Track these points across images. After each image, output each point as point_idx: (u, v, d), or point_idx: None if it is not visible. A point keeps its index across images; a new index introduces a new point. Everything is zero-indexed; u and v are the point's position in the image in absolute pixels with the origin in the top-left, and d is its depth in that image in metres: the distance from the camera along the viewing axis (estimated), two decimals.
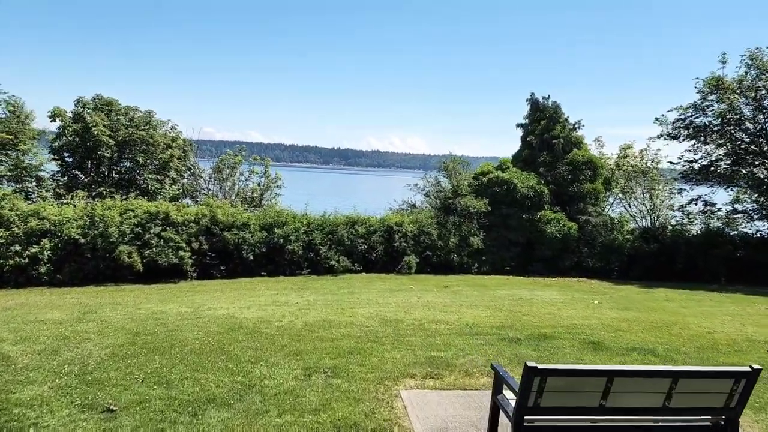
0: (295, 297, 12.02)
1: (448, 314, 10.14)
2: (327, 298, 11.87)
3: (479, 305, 11.48)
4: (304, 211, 17.81)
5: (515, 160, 21.04)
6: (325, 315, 9.55)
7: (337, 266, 16.46)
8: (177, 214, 15.07)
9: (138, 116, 18.82)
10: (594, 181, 20.02)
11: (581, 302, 12.37)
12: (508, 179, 18.96)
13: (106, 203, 14.65)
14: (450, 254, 18.01)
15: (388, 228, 17.82)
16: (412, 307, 10.83)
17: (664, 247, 19.68)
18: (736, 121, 18.77)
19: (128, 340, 7.24)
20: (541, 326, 9.17)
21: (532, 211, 19.04)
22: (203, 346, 6.96)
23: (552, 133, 20.19)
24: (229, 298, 11.62)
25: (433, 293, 13.27)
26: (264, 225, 16.34)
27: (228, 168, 21.54)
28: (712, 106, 19.03)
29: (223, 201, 18.12)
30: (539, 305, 11.63)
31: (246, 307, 10.17)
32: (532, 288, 14.77)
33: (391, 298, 12.27)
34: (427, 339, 7.79)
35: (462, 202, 18.67)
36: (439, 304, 11.53)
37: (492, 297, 12.84)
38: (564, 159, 19.92)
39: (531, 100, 21.25)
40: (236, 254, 15.57)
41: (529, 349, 7.38)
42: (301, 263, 16.38)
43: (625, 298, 13.43)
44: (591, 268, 19.23)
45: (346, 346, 7.17)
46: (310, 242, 16.57)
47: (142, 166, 18.63)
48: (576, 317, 10.22)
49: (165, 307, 10.02)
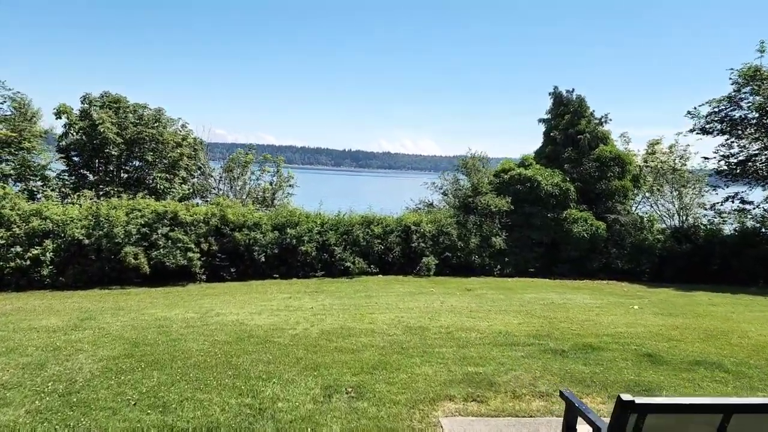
0: (309, 301, 11.21)
1: (476, 321, 9.24)
2: (343, 303, 11.04)
3: (508, 310, 10.56)
4: (318, 211, 17.02)
5: (538, 157, 20.05)
6: (342, 321, 8.72)
7: (352, 268, 15.65)
8: (186, 214, 14.37)
9: (147, 114, 18.20)
10: (622, 178, 18.96)
11: (619, 307, 11.38)
12: (532, 176, 18.00)
13: (112, 202, 13.98)
14: (471, 255, 17.09)
15: (406, 228, 16.96)
16: (436, 313, 9.95)
17: (697, 247, 18.56)
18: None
19: (125, 351, 6.46)
20: (582, 335, 8.24)
21: (557, 210, 18.05)
22: (208, 359, 6.15)
23: (577, 128, 19.18)
24: (239, 302, 10.84)
25: (455, 297, 12.38)
26: (276, 225, 15.57)
27: (239, 167, 20.87)
28: (747, 98, 17.87)
29: (234, 201, 17.40)
30: (574, 310, 10.68)
31: (257, 313, 9.38)
32: (561, 291, 13.80)
33: (412, 302, 11.40)
34: (459, 350, 6.91)
35: (483, 201, 17.75)
36: (464, 308, 10.63)
37: (520, 301, 11.91)
38: (590, 155, 18.90)
39: (554, 93, 20.27)
40: (247, 255, 14.82)
41: (578, 363, 6.46)
42: (314, 265, 15.59)
43: (666, 302, 12.41)
44: (620, 270, 18.18)
45: (369, 359, 6.31)
46: (324, 243, 15.77)
47: (152, 165, 18.00)
48: (619, 324, 9.26)
49: (170, 313, 9.27)
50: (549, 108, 20.49)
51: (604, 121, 19.54)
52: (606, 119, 19.52)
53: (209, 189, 20.78)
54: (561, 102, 19.99)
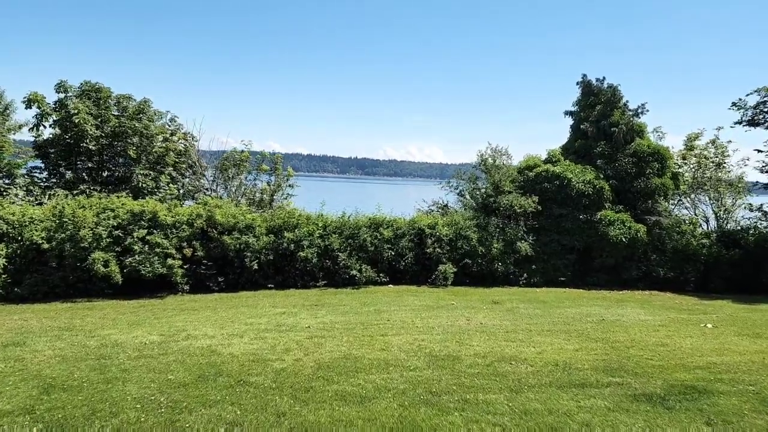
0: (306, 317, 9.18)
1: (519, 346, 7.17)
2: (348, 320, 9.00)
3: (553, 330, 8.48)
4: (320, 212, 15.00)
5: (565, 152, 17.96)
6: (347, 347, 6.68)
7: (358, 277, 13.59)
8: (166, 215, 12.42)
9: (131, 105, 16.34)
10: (662, 175, 16.82)
11: (687, 325, 9.26)
12: (561, 173, 15.91)
13: (80, 201, 12.05)
14: (493, 262, 14.99)
15: (419, 231, 14.91)
16: (465, 334, 7.89)
17: (747, 253, 16.36)
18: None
19: (28, 401, 4.46)
20: (666, 367, 6.15)
21: (590, 211, 15.94)
22: (144, 417, 4.14)
23: (610, 119, 17.09)
24: (221, 319, 8.82)
25: (483, 312, 10.31)
26: (272, 227, 13.58)
27: (234, 166, 18.91)
28: None
29: (225, 201, 15.43)
30: (636, 330, 8.58)
31: (238, 335, 7.35)
32: (605, 305, 11.68)
33: (432, 319, 9.35)
34: (514, 397, 4.86)
35: (505, 201, 15.67)
36: (498, 328, 8.56)
37: (563, 318, 9.82)
38: (626, 149, 16.79)
39: (582, 82, 18.21)
40: (237, 262, 12.82)
41: (696, 420, 4.38)
42: (315, 273, 13.55)
43: (738, 318, 10.25)
44: (661, 279, 16.00)
45: (385, 417, 4.27)
46: (327, 248, 13.74)
47: (135, 161, 16.10)
48: (704, 351, 7.15)
49: (127, 335, 7.26)
50: (577, 99, 18.43)
51: (641, 112, 17.45)
52: (643, 110, 17.42)
53: (202, 190, 18.82)
54: (591, 92, 17.92)
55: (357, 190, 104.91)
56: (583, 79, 18.23)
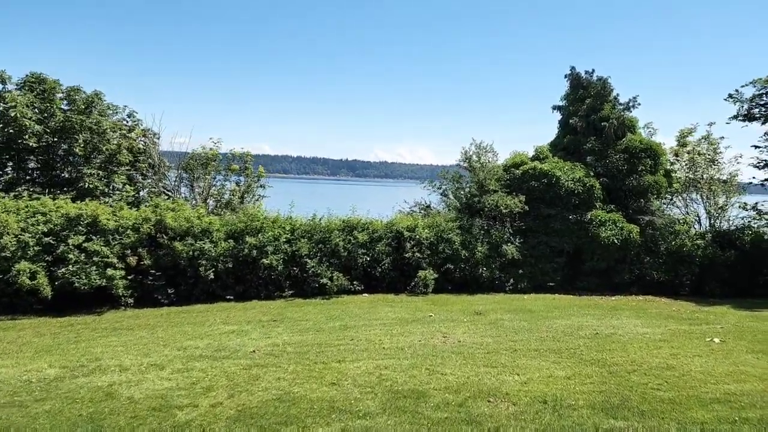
0: (256, 338, 7.91)
1: (501, 373, 5.98)
2: (305, 340, 7.74)
3: (541, 350, 7.31)
4: (288, 215, 13.71)
5: (554, 149, 16.86)
6: (288, 383, 5.44)
7: (329, 285, 12.33)
8: (109, 219, 11.07)
9: (80, 98, 14.92)
10: (655, 172, 15.80)
11: (691, 339, 8.15)
12: (549, 171, 14.79)
13: (4, 203, 10.64)
14: (477, 267, 13.82)
15: (397, 234, 13.69)
16: (439, 358, 6.68)
17: (743, 254, 15.39)
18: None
19: None
20: (678, 401, 5.01)
21: (580, 211, 14.84)
22: None
23: (600, 113, 16.04)
24: (153, 342, 7.52)
25: (463, 326, 9.11)
26: (231, 232, 12.28)
27: (201, 166, 17.51)
28: None
29: (182, 204, 14.06)
30: (635, 348, 7.44)
31: (159, 366, 6.07)
32: (598, 314, 10.55)
33: (404, 336, 8.13)
34: None
35: (490, 201, 14.51)
36: (478, 347, 7.37)
37: (552, 332, 8.66)
38: (617, 145, 15.74)
39: (571, 75, 17.14)
40: (191, 271, 11.49)
41: None
42: (281, 282, 12.27)
43: (744, 329, 9.17)
44: (655, 283, 14.97)
45: None
46: (294, 254, 12.47)
47: (86, 160, 14.66)
48: (717, 375, 6.02)
49: (19, 369, 5.95)
50: (565, 92, 17.35)
51: (632, 106, 16.41)
52: (634, 103, 16.39)
53: (164, 191, 17.39)
54: (580, 84, 16.86)
55: (346, 192, 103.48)
56: (571, 71, 17.16)
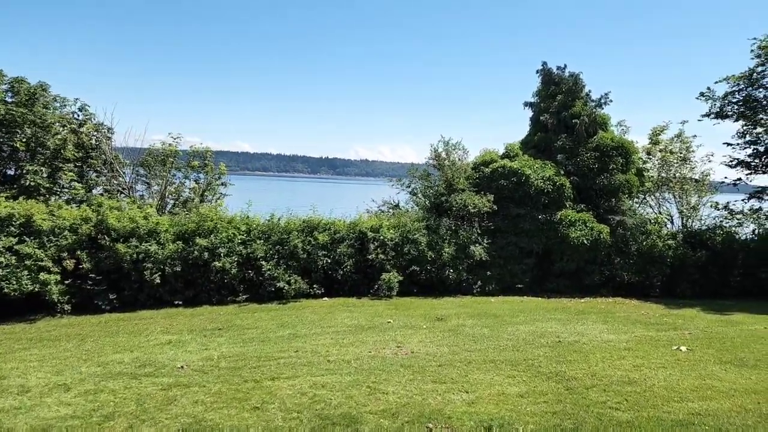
0: (193, 350, 7.24)
1: (449, 391, 5.45)
2: (244, 353, 7.10)
3: (498, 361, 6.81)
4: (245, 214, 12.99)
5: (524, 147, 16.46)
6: (204, 408, 4.81)
7: (287, 289, 11.69)
8: (44, 219, 10.23)
9: (24, 89, 13.96)
10: (626, 171, 15.52)
11: (657, 348, 7.75)
12: (519, 169, 14.36)
13: None
14: (444, 269, 13.33)
15: (361, 235, 13.11)
16: (385, 373, 6.13)
17: (715, 255, 15.22)
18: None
19: None
20: (638, 424, 4.55)
21: (550, 211, 14.46)
22: None
23: (571, 110, 15.68)
24: (74, 356, 6.79)
25: (421, 333, 8.58)
26: (181, 233, 11.53)
27: (159, 163, 16.60)
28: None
29: (129, 202, 13.23)
30: (597, 358, 6.99)
31: (66, 387, 5.38)
32: (564, 319, 10.14)
33: (354, 346, 7.56)
34: None
35: (459, 200, 14.02)
36: (431, 359, 6.84)
37: (513, 339, 8.18)
38: (588, 143, 15.40)
39: (543, 71, 16.75)
40: (135, 275, 10.71)
41: None
42: (234, 286, 11.58)
43: (712, 335, 8.82)
44: (626, 284, 14.71)
45: None
46: (250, 256, 11.79)
47: (31, 154, 13.70)
48: (682, 391, 5.59)
49: None
50: (537, 89, 16.95)
51: (604, 103, 16.09)
52: (606, 100, 16.07)
53: (119, 189, 16.46)
54: (551, 80, 16.48)
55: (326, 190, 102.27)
56: (543, 67, 16.77)
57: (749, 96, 15.39)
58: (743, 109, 15.63)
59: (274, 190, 68.64)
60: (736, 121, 15.80)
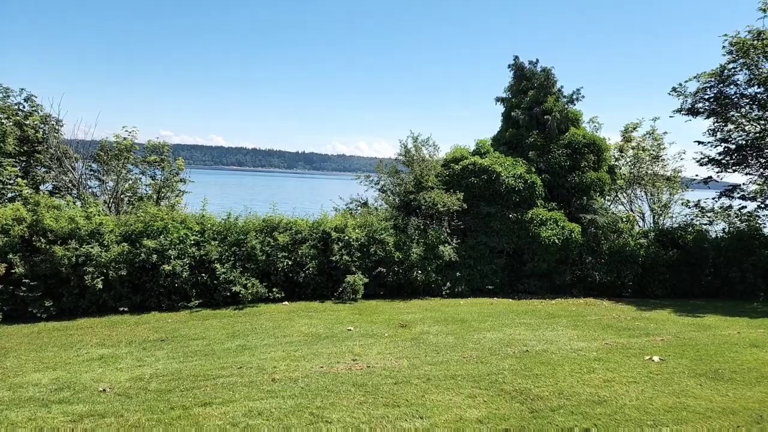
0: (125, 366, 6.51)
1: (400, 418, 4.88)
2: (182, 369, 6.41)
3: (460, 376, 6.27)
4: (200, 213, 12.19)
5: (496, 143, 16.05)
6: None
7: (243, 294, 10.97)
8: None
9: None
10: (598, 169, 15.24)
11: (629, 358, 7.34)
12: (489, 167, 13.90)
13: None
14: (412, 270, 12.80)
15: (324, 235, 12.46)
16: (333, 395, 5.52)
17: (686, 253, 15.07)
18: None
19: None
20: None
21: (522, 209, 14.05)
22: None
23: (543, 106, 15.31)
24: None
25: (382, 342, 8.02)
26: (127, 234, 10.69)
27: (113, 158, 15.60)
28: (752, 70, 14.47)
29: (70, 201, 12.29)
30: (565, 372, 6.52)
31: None
32: (533, 325, 9.70)
33: (306, 360, 6.94)
34: None
35: (428, 198, 13.49)
36: (387, 376, 6.26)
37: (478, 349, 7.68)
38: (560, 140, 15.06)
39: (515, 65, 16.33)
40: (75, 280, 9.85)
41: None
42: (187, 291, 10.79)
43: (687, 343, 8.48)
44: (597, 284, 14.43)
45: None
46: (203, 258, 11.03)
47: None
48: (655, 411, 5.15)
49: None
50: (509, 84, 16.55)
51: (576, 99, 15.76)
52: (578, 96, 15.75)
53: (68, 186, 15.40)
54: (523, 75, 16.08)
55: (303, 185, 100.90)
56: (515, 61, 16.36)
57: (720, 92, 15.23)
58: (714, 106, 15.48)
59: (248, 185, 67.17)
60: (707, 118, 15.64)
